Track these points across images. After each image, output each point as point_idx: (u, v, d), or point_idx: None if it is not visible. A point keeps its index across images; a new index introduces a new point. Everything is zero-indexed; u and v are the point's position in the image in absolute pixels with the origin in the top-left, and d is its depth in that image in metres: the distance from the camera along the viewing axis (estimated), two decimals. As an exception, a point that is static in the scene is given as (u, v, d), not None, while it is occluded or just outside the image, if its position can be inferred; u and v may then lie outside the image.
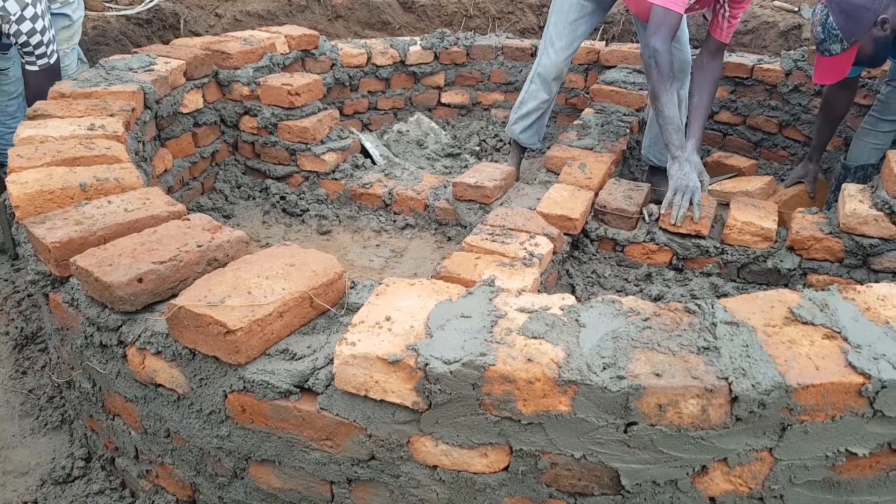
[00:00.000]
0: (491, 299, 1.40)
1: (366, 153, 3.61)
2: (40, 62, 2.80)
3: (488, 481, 1.32)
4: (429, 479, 1.35)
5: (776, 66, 3.92)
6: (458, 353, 1.23)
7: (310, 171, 3.26)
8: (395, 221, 3.10)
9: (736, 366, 1.19)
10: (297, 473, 1.45)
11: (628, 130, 3.38)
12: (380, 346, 1.26)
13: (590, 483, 1.29)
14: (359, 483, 1.41)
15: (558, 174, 2.94)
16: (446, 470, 1.33)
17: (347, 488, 1.43)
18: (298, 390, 1.35)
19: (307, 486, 1.46)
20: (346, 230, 3.11)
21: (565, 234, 2.60)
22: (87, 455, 1.92)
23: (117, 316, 1.51)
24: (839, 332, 1.26)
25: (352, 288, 1.58)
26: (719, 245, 2.60)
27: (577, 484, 1.30)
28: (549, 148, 3.35)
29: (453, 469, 1.32)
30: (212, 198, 3.26)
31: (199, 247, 1.56)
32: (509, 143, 3.79)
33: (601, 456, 1.25)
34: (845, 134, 3.72)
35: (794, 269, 2.53)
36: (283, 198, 3.25)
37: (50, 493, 1.81)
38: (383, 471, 1.37)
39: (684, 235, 2.61)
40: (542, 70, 3.24)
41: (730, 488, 1.26)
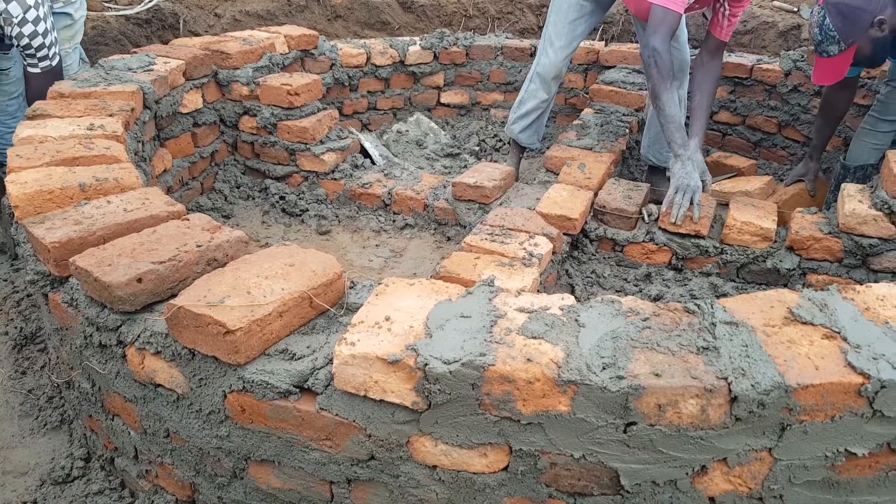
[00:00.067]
0: (490, 299, 1.40)
1: (365, 153, 3.60)
2: (42, 64, 2.80)
3: (488, 481, 1.32)
4: (428, 479, 1.35)
5: (775, 66, 3.92)
6: (457, 353, 1.23)
7: (309, 171, 3.26)
8: (394, 221, 3.10)
9: (735, 366, 1.19)
10: (296, 473, 1.45)
11: (628, 130, 3.39)
12: (379, 346, 1.26)
13: (589, 483, 1.29)
14: (358, 483, 1.41)
15: (558, 174, 2.94)
16: (446, 470, 1.33)
17: (347, 488, 1.43)
18: (298, 390, 1.35)
19: (307, 486, 1.46)
20: (346, 230, 3.11)
21: (565, 234, 2.60)
22: (86, 455, 1.92)
23: (117, 316, 1.51)
24: (838, 332, 1.26)
25: (351, 288, 1.58)
26: (719, 245, 2.60)
27: (577, 484, 1.30)
28: (548, 148, 3.36)
29: (453, 469, 1.32)
30: (211, 198, 3.26)
31: (198, 247, 1.56)
32: (508, 142, 3.79)
33: (601, 456, 1.25)
34: (845, 134, 3.72)
35: (794, 269, 2.53)
36: (282, 198, 3.25)
37: (49, 493, 1.81)
38: (383, 471, 1.37)
39: (684, 235, 2.62)
40: (542, 70, 3.24)
41: (729, 488, 1.26)
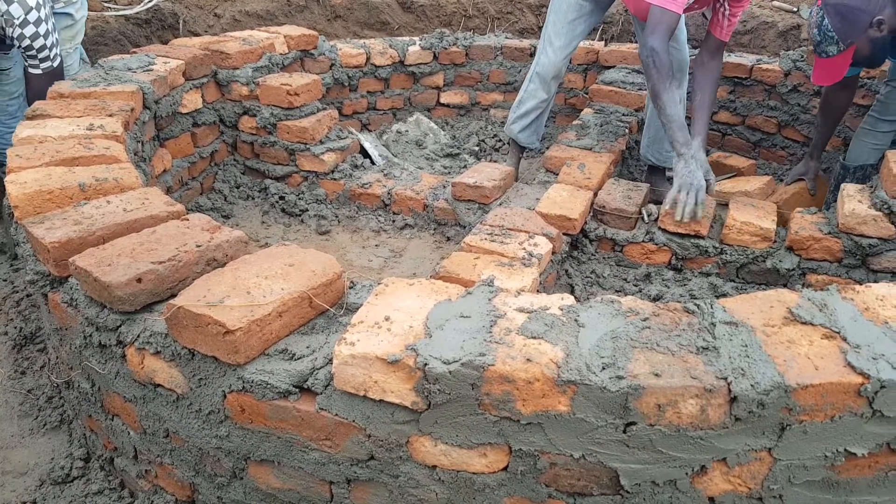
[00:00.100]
0: (490, 299, 1.40)
1: (365, 153, 3.60)
2: (43, 65, 2.80)
3: (487, 481, 1.32)
4: (428, 479, 1.35)
5: (775, 66, 3.92)
6: (457, 353, 1.23)
7: (309, 171, 3.26)
8: (394, 221, 3.10)
9: (735, 366, 1.19)
10: (296, 473, 1.45)
11: (627, 130, 3.39)
12: (379, 346, 1.26)
13: (589, 483, 1.29)
14: (358, 483, 1.41)
15: (557, 174, 2.94)
16: (445, 470, 1.33)
17: (346, 488, 1.43)
18: (297, 390, 1.35)
19: (306, 486, 1.46)
20: (345, 230, 3.11)
21: (564, 234, 2.60)
22: (85, 455, 1.92)
23: (116, 316, 1.50)
24: (838, 332, 1.26)
25: (351, 288, 1.58)
26: (718, 245, 2.60)
27: (577, 484, 1.30)
28: (548, 148, 3.36)
29: (452, 469, 1.32)
30: (211, 198, 3.26)
31: (198, 247, 1.56)
32: (508, 142, 3.79)
33: (600, 456, 1.25)
34: (844, 134, 3.72)
35: (793, 269, 2.53)
36: (282, 198, 3.25)
37: (49, 493, 1.81)
38: (382, 471, 1.37)
39: (683, 235, 2.62)
40: (541, 69, 3.24)
41: (729, 488, 1.26)
